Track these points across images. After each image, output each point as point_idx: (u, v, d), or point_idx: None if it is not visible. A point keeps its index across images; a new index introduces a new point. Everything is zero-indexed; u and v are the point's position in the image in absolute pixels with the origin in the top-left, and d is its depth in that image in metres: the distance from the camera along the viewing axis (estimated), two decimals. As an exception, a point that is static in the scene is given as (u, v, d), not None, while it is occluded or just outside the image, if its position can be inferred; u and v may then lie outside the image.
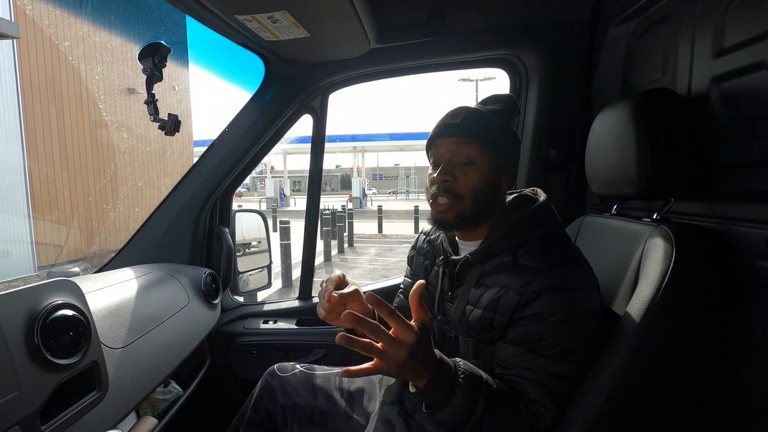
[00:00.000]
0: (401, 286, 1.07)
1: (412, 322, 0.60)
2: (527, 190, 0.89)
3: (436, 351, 0.64)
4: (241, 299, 1.61)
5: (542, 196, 0.85)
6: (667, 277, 0.67)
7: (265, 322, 1.50)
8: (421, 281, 0.62)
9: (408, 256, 1.07)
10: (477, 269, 0.81)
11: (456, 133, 0.81)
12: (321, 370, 1.12)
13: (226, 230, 1.44)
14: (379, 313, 0.58)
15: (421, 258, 0.99)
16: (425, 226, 1.04)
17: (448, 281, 0.88)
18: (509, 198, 0.87)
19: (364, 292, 0.67)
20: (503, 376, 0.73)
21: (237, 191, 1.55)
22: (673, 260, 0.68)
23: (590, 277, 0.75)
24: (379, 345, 0.57)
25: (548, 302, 0.70)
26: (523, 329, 0.71)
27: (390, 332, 0.58)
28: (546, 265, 0.72)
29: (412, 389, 0.66)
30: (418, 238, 1.04)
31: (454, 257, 0.86)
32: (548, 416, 0.68)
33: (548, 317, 0.69)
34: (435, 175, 0.81)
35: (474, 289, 0.80)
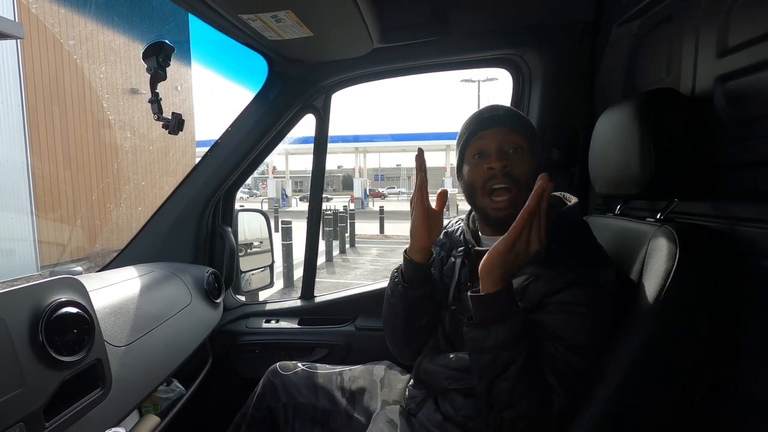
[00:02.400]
0: None
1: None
2: (558, 193, 0.90)
3: None
4: (243, 298, 1.61)
5: (573, 200, 0.87)
6: (670, 277, 0.67)
7: (268, 321, 1.50)
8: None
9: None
10: None
11: (503, 122, 0.84)
12: (323, 369, 1.12)
13: (229, 229, 1.44)
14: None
15: (438, 248, 1.00)
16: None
17: (468, 272, 0.89)
18: None
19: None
20: None
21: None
22: (676, 260, 0.68)
23: (614, 278, 0.76)
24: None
25: (577, 294, 0.71)
26: (547, 316, 0.72)
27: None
28: (578, 260, 0.74)
29: (470, 294, 0.71)
30: None
31: (478, 248, 0.87)
32: (557, 405, 0.68)
33: (574, 307, 0.70)
34: (491, 163, 0.81)
35: None
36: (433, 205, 0.85)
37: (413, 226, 0.85)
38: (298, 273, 6.21)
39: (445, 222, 1.04)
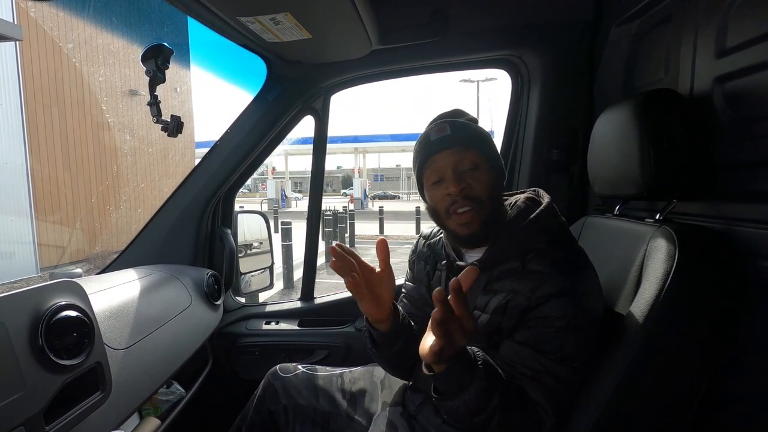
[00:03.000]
0: (403, 290, 1.04)
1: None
2: (529, 191, 0.88)
3: None
4: (243, 300, 1.61)
5: (545, 197, 0.84)
6: (670, 278, 0.67)
7: (268, 323, 1.50)
8: (440, 289, 0.57)
9: (409, 260, 1.05)
10: (484, 275, 0.80)
11: (452, 143, 0.80)
12: (323, 371, 1.12)
13: (229, 231, 1.44)
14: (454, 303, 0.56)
15: (422, 263, 0.98)
16: (424, 229, 1.04)
17: None
18: (511, 200, 0.87)
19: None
20: (506, 374, 0.73)
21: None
22: (676, 260, 0.68)
23: (595, 281, 0.76)
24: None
25: (556, 306, 0.70)
26: (530, 331, 0.72)
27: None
28: (554, 270, 0.72)
29: (425, 371, 0.64)
30: (417, 242, 1.03)
31: (459, 263, 0.85)
32: (548, 423, 0.68)
33: (555, 321, 0.70)
34: (448, 188, 0.79)
35: (481, 295, 0.79)
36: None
37: (363, 309, 0.79)
38: (298, 274, 6.20)
39: (427, 230, 1.03)
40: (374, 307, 0.78)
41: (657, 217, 0.83)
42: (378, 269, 0.77)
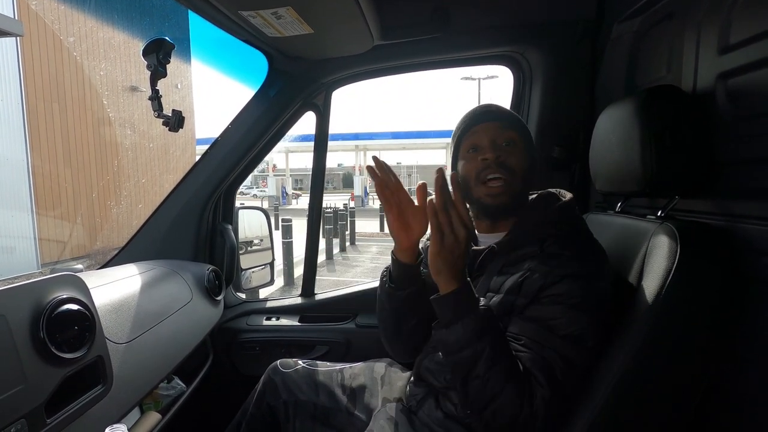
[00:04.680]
0: None
1: None
2: (552, 189, 0.90)
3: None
4: (243, 296, 1.61)
5: (568, 195, 0.87)
6: (671, 274, 0.67)
7: (268, 318, 1.51)
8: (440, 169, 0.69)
9: (420, 247, 1.06)
10: (500, 259, 0.82)
11: (496, 117, 0.86)
12: (323, 367, 1.12)
13: (229, 227, 1.44)
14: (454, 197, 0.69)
15: None
16: None
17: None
18: (534, 196, 0.89)
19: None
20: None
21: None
22: (677, 257, 0.68)
23: (609, 270, 0.77)
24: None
25: (570, 286, 0.71)
26: (542, 307, 0.73)
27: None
28: (572, 254, 0.75)
29: (437, 295, 0.72)
30: None
31: (475, 247, 0.87)
32: (539, 396, 0.66)
33: (568, 299, 0.71)
34: (485, 154, 0.82)
35: (496, 277, 0.81)
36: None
37: (389, 227, 0.85)
38: (299, 271, 6.22)
39: None
40: (398, 226, 0.83)
41: (659, 213, 0.83)
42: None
